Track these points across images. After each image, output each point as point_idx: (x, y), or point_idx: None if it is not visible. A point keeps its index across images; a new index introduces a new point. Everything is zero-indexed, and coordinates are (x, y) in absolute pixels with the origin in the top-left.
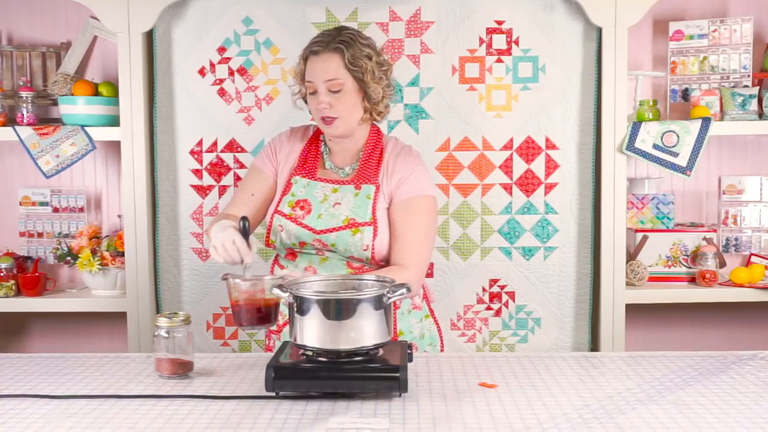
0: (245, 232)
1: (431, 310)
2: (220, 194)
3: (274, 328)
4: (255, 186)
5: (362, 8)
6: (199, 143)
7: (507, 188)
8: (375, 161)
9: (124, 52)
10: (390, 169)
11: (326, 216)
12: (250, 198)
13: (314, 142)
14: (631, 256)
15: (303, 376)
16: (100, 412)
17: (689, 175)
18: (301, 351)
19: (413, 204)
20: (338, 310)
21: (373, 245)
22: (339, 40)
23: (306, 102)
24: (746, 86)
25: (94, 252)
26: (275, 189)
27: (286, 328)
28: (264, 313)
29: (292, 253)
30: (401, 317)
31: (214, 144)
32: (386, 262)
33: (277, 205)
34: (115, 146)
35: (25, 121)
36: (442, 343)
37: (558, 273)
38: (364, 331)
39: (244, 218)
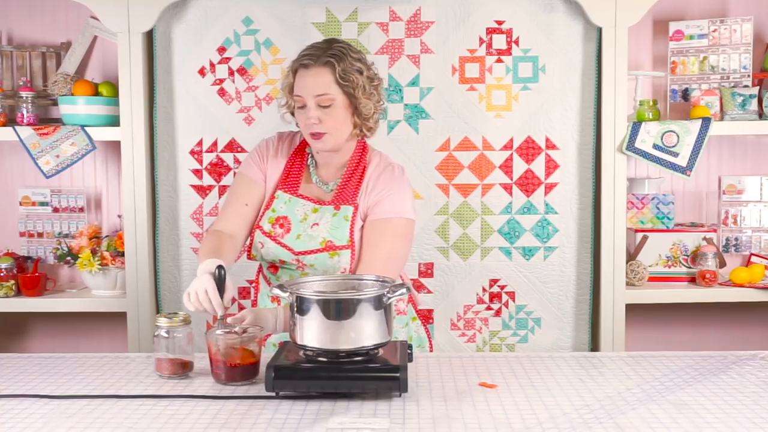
0: (221, 281)
1: (418, 313)
2: (220, 194)
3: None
4: (247, 195)
5: (362, 8)
6: (199, 143)
7: (507, 188)
8: (356, 179)
9: (124, 52)
10: (370, 187)
11: (305, 237)
12: (245, 208)
13: (300, 154)
14: (631, 256)
15: (303, 376)
16: (100, 412)
17: (689, 175)
18: (302, 351)
19: (388, 224)
20: (338, 310)
21: (351, 268)
22: (330, 53)
23: (293, 115)
24: (746, 86)
25: (94, 252)
26: (263, 194)
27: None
28: (248, 369)
29: (273, 266)
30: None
31: (214, 144)
32: None
33: (259, 220)
34: (115, 146)
35: (25, 121)
36: (430, 344)
37: (558, 273)
38: (364, 331)
39: (219, 267)
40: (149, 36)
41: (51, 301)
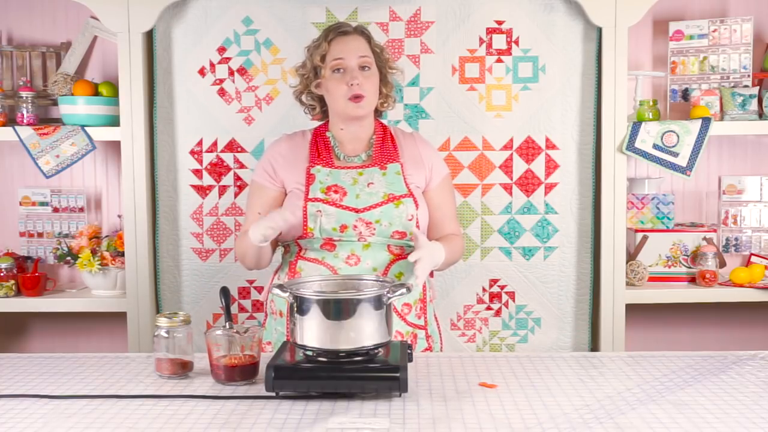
0: (227, 305)
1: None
2: (220, 194)
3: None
4: (260, 203)
5: (362, 8)
6: (199, 143)
7: (507, 188)
8: (390, 144)
9: (124, 52)
10: (418, 157)
11: (364, 195)
12: (257, 217)
13: (320, 136)
14: (631, 256)
15: (303, 376)
16: (100, 412)
17: (689, 175)
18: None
19: (444, 182)
20: (338, 310)
21: (417, 216)
22: (361, 28)
23: (301, 97)
24: (746, 86)
25: (94, 252)
26: (283, 196)
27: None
28: (248, 369)
29: (329, 243)
30: (428, 307)
31: (214, 144)
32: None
33: (306, 195)
34: (115, 146)
35: (25, 121)
36: (441, 338)
37: (558, 273)
38: (364, 331)
39: (223, 288)
40: (149, 36)
41: (51, 301)
